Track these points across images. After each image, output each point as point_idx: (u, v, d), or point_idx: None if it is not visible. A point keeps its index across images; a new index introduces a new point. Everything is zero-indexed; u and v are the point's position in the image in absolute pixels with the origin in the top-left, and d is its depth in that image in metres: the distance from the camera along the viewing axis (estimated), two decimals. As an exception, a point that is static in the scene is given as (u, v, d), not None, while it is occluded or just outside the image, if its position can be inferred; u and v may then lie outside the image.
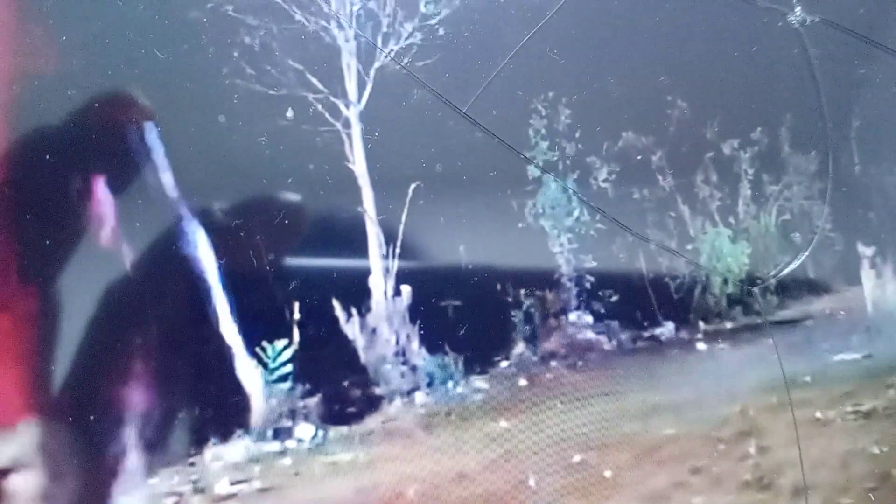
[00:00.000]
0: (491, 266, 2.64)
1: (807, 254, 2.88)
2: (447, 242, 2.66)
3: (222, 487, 2.40)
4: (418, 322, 2.64)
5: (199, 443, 2.42)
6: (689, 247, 3.03)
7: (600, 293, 2.92)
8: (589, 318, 2.89)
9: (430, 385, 2.60)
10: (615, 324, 2.92)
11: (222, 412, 2.46)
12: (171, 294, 2.59)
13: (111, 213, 2.32)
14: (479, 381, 2.66)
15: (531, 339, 2.84)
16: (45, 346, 2.41)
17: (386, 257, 2.69)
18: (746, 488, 2.50)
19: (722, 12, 2.77)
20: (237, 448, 2.41)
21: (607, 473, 2.58)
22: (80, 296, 2.51)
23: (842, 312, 2.98)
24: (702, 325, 2.99)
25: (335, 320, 2.56)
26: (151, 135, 2.50)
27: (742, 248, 2.96)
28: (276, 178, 2.52)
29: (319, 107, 2.83)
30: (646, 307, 2.96)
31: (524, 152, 2.86)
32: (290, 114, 2.66)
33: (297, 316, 2.56)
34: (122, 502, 2.38)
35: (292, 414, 2.54)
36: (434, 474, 2.53)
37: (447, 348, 2.61)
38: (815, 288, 3.01)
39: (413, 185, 2.66)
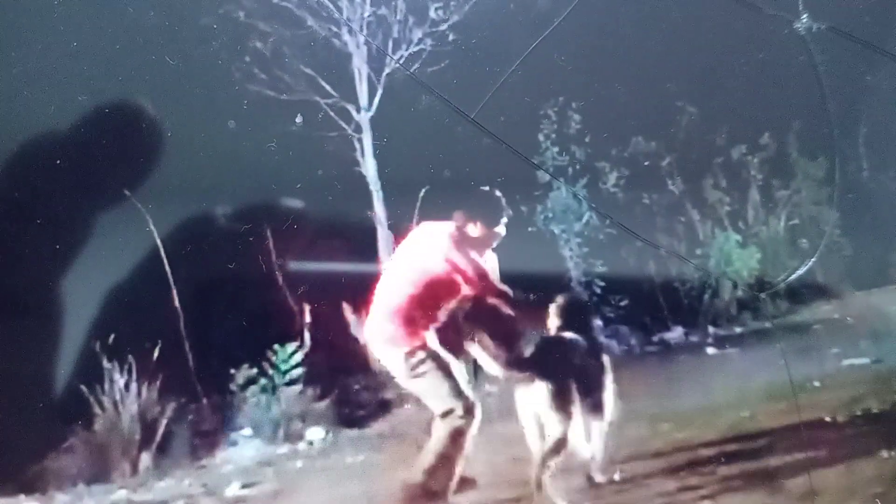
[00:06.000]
0: (501, 270, 2.64)
1: (815, 259, 2.88)
2: (457, 247, 2.63)
3: (233, 490, 2.40)
4: (428, 326, 2.61)
5: (209, 446, 2.42)
6: (699, 251, 3.04)
7: (610, 298, 2.93)
8: (599, 323, 2.90)
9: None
10: (625, 328, 2.92)
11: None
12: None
13: None
14: (488, 386, 2.65)
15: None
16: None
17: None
18: (754, 492, 2.50)
19: (729, 20, 2.79)
20: (248, 451, 2.41)
21: (616, 476, 2.59)
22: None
23: (849, 318, 2.98)
24: (711, 329, 2.99)
25: (345, 324, 2.57)
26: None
27: (751, 252, 2.97)
28: (286, 183, 2.52)
29: (330, 112, 2.84)
30: (655, 312, 2.96)
31: (533, 157, 2.87)
32: (298, 119, 2.67)
33: (307, 319, 2.56)
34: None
35: (303, 416, 2.54)
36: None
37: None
38: (823, 293, 3.02)
39: (423, 190, 2.67)
